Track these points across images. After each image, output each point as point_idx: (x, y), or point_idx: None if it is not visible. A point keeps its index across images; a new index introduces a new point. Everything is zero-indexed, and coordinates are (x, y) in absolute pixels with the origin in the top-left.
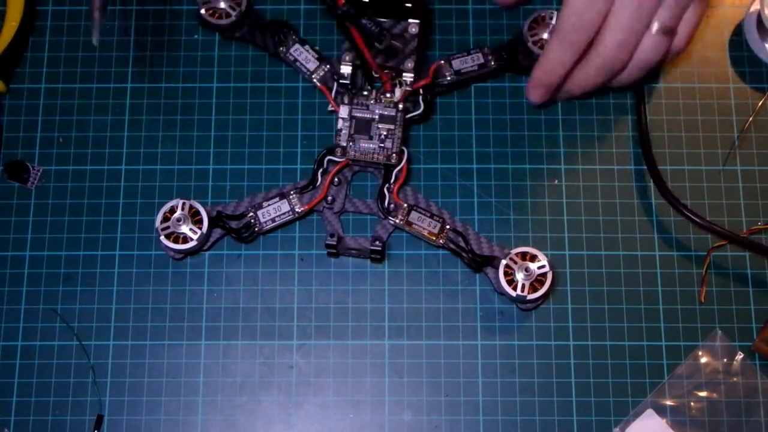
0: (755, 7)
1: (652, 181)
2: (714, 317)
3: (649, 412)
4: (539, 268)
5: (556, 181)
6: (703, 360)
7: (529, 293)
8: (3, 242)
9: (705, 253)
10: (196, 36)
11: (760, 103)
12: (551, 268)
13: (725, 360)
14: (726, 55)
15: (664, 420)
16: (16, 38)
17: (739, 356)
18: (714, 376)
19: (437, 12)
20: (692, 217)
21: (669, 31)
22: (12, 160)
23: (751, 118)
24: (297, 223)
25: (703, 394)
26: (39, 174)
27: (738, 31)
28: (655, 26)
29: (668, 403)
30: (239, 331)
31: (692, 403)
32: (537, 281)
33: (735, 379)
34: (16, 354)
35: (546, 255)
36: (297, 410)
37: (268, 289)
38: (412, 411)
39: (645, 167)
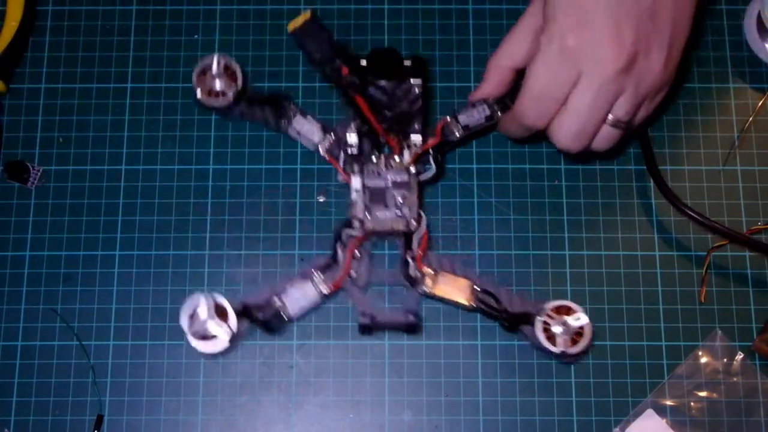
0: (755, 7)
1: (652, 181)
2: (714, 317)
3: (649, 412)
4: (576, 320)
5: (556, 182)
6: (703, 360)
7: (569, 347)
8: (3, 242)
9: (705, 253)
10: (196, 36)
11: (760, 103)
12: (589, 320)
13: (725, 360)
14: (726, 55)
15: (664, 420)
16: (16, 38)
17: (739, 356)
18: (714, 376)
19: (437, 12)
20: (693, 215)
21: (622, 126)
22: (12, 160)
23: (751, 118)
24: (297, 222)
25: (703, 394)
26: (39, 174)
27: (738, 31)
28: (609, 118)
29: (668, 403)
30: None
31: (692, 403)
32: (576, 334)
33: (735, 379)
34: (16, 354)
35: (583, 307)
36: (297, 410)
37: None
38: (412, 411)
39: (645, 167)
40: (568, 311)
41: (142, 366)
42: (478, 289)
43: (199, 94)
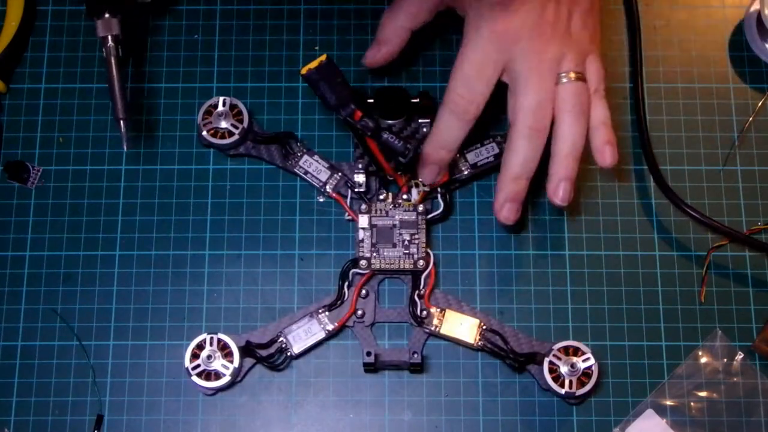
0: (755, 7)
1: (652, 180)
2: (714, 317)
3: (649, 412)
4: (584, 361)
5: None
6: (703, 360)
7: (576, 389)
8: (3, 242)
9: (705, 253)
10: (196, 36)
11: (760, 103)
12: (596, 360)
13: (725, 360)
14: (726, 55)
15: (664, 420)
16: (16, 38)
17: (739, 356)
18: (714, 376)
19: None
20: (693, 213)
21: (581, 77)
22: (12, 160)
23: (751, 118)
24: (297, 222)
25: (703, 394)
26: (39, 174)
27: (738, 31)
28: (563, 77)
29: (668, 403)
30: (239, 331)
31: (692, 403)
32: (583, 374)
33: (735, 379)
34: (16, 354)
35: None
36: (297, 410)
37: (268, 289)
38: (412, 411)
39: (645, 167)
40: (577, 352)
41: (142, 366)
42: (485, 327)
43: (204, 133)
